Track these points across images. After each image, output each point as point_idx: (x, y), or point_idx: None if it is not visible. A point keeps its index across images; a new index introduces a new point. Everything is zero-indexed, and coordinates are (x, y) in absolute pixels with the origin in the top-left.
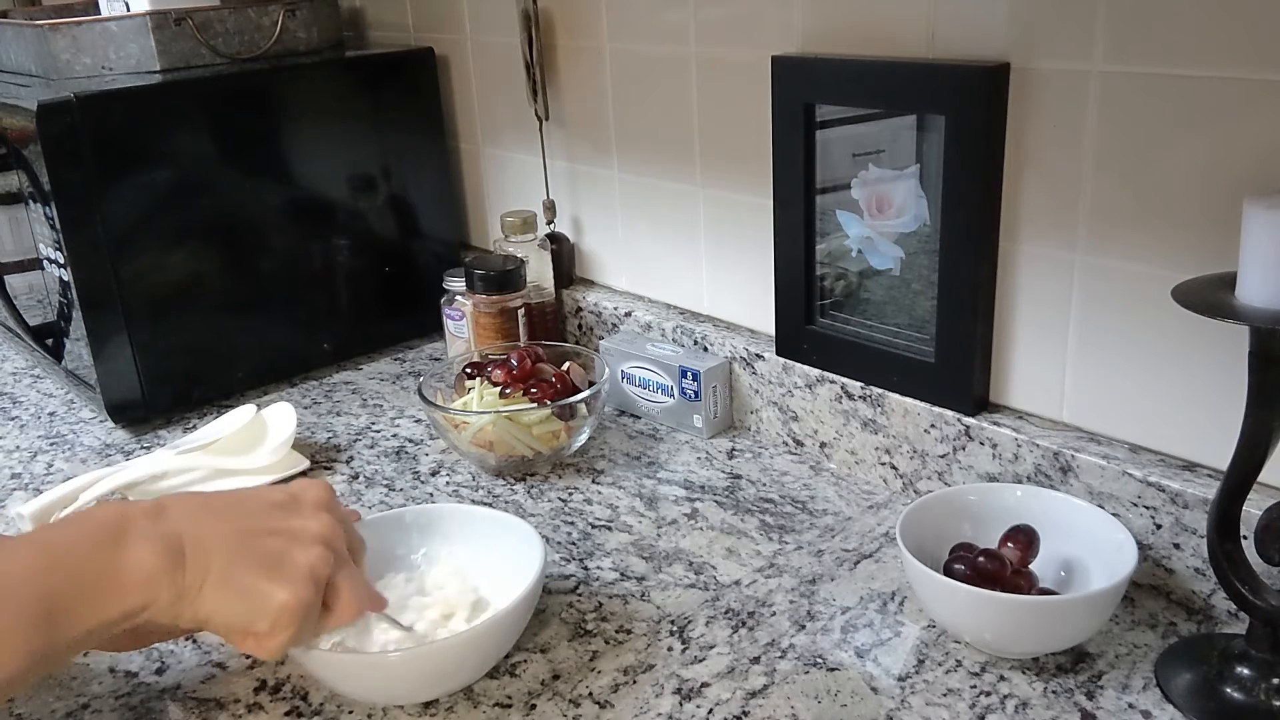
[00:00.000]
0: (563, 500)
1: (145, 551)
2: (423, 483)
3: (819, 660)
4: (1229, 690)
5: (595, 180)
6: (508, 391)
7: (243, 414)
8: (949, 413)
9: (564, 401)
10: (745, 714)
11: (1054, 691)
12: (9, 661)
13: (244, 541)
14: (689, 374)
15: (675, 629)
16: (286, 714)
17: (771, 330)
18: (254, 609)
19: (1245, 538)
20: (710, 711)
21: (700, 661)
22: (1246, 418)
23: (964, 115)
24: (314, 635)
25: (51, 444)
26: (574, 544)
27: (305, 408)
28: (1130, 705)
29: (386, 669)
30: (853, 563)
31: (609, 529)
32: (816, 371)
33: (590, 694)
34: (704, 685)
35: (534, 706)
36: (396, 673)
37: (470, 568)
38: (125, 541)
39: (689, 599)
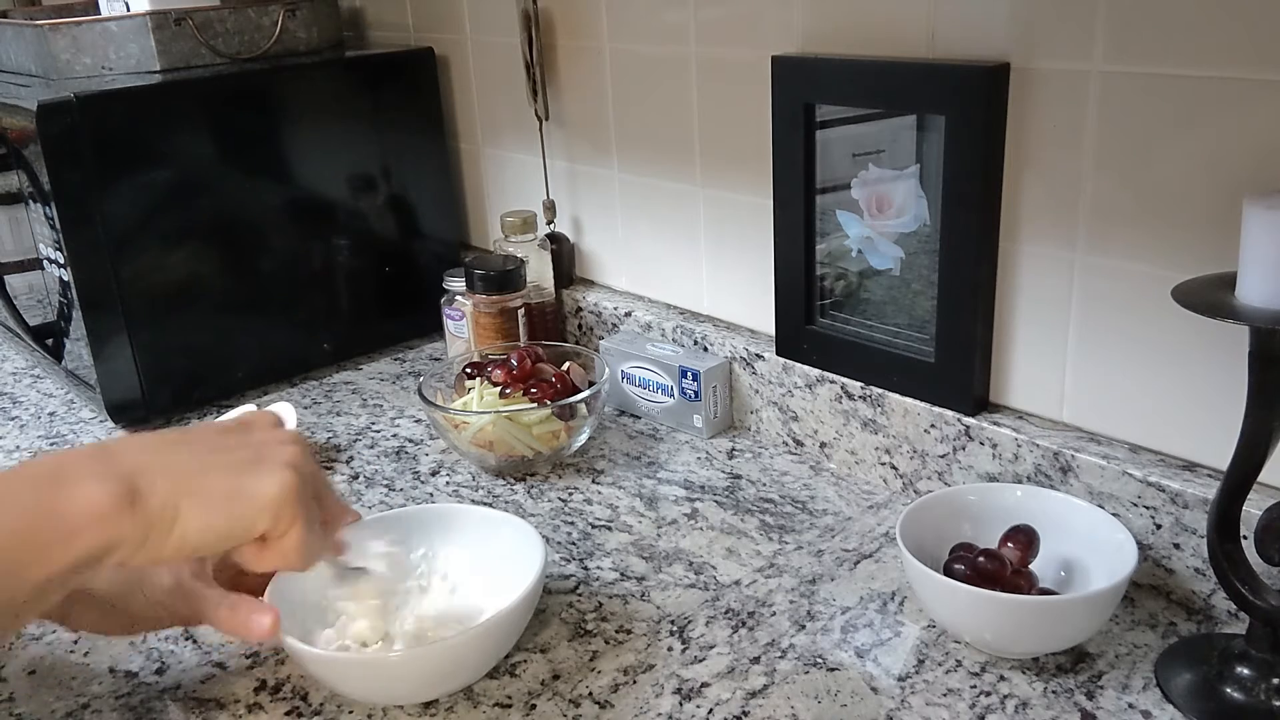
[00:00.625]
0: (563, 500)
1: (90, 489)
2: (423, 483)
3: (819, 660)
4: (1229, 690)
5: (595, 180)
6: (508, 391)
7: (243, 414)
8: (949, 413)
9: (564, 401)
10: (745, 714)
11: (1054, 691)
12: None
13: (207, 459)
14: (689, 374)
15: (675, 629)
16: (286, 714)
17: (771, 330)
18: (246, 509)
19: (1245, 538)
20: (710, 711)
21: (700, 661)
22: (1246, 418)
23: (964, 115)
24: (324, 547)
25: (51, 444)
26: (574, 544)
27: (305, 408)
28: (1130, 705)
29: (387, 669)
30: (853, 563)
31: (609, 529)
32: (816, 371)
33: (590, 694)
34: (704, 685)
35: (534, 706)
36: (397, 673)
37: (470, 568)
38: (66, 482)
39: (689, 599)
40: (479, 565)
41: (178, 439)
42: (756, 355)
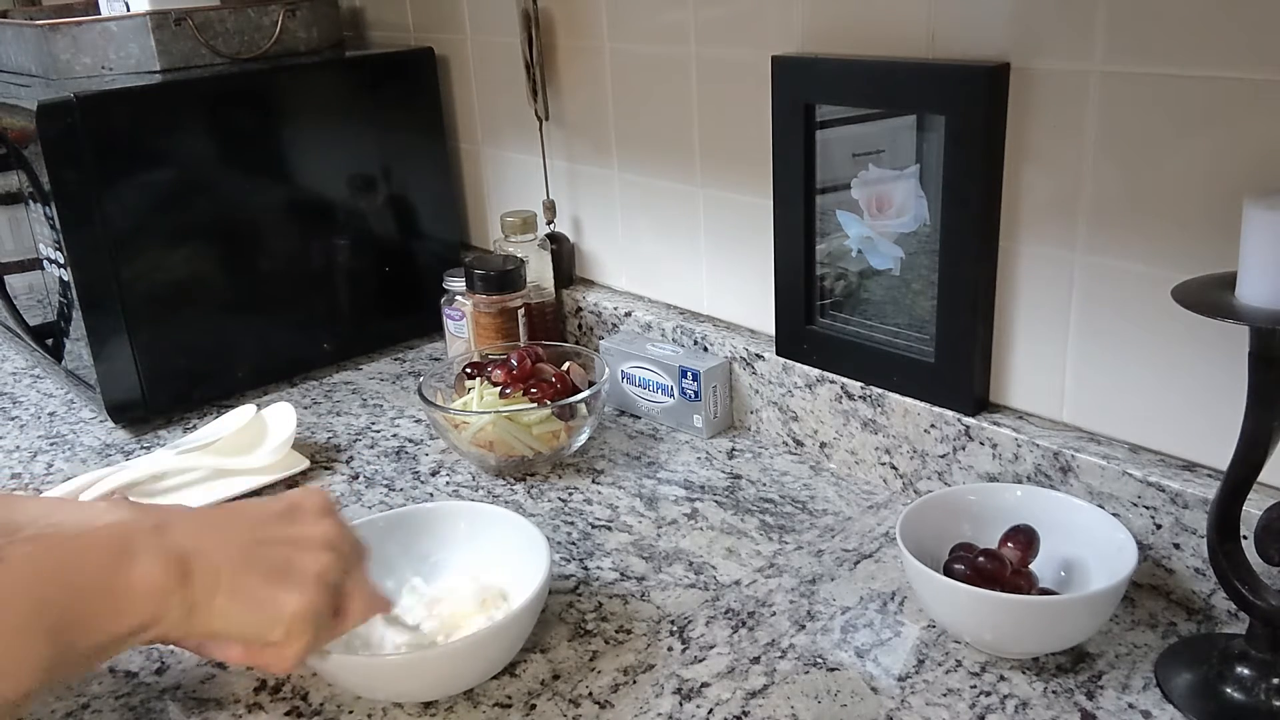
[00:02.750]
0: (563, 500)
1: (151, 566)
2: (423, 483)
3: (819, 660)
4: (1229, 690)
5: (595, 180)
6: (508, 391)
7: (243, 414)
8: (949, 413)
9: (564, 401)
10: (745, 714)
11: (1054, 691)
12: (17, 678)
13: (250, 551)
14: (689, 374)
15: (675, 629)
16: (286, 714)
17: (771, 330)
18: (266, 618)
19: (1245, 538)
20: (710, 711)
21: (700, 661)
22: (1246, 418)
23: (964, 115)
24: (327, 641)
25: (51, 444)
26: (574, 544)
27: (305, 408)
28: (1130, 705)
29: (393, 671)
30: (853, 563)
31: (609, 529)
32: (816, 371)
33: (590, 694)
34: (704, 685)
35: (534, 706)
36: (403, 675)
37: (477, 567)
38: (131, 556)
39: (689, 599)
40: (482, 565)
41: (228, 519)
42: (756, 355)
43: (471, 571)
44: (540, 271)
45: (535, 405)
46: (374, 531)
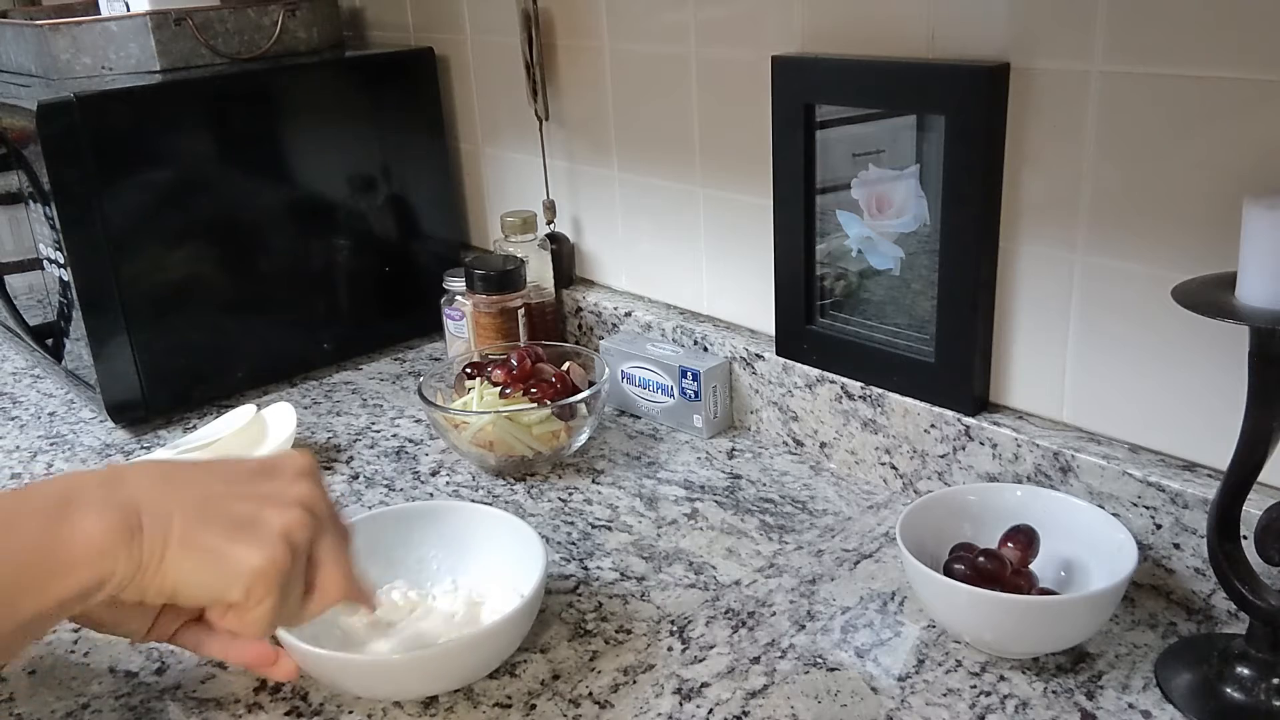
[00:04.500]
0: (563, 500)
1: (94, 522)
2: (423, 483)
3: (819, 660)
4: (1229, 690)
5: (595, 180)
6: (508, 391)
7: (243, 414)
8: (949, 413)
9: (564, 401)
10: (745, 714)
11: (1054, 691)
12: None
13: (210, 505)
14: (689, 374)
15: (675, 629)
16: (286, 714)
17: (771, 330)
18: (223, 575)
19: (1245, 538)
20: (710, 711)
21: (700, 661)
22: (1246, 418)
23: (964, 115)
24: (298, 616)
25: (51, 444)
26: (574, 544)
27: (305, 408)
28: (1130, 705)
29: (389, 671)
30: (853, 563)
31: (609, 529)
32: (816, 371)
33: (590, 694)
34: (704, 685)
35: (534, 706)
36: (397, 675)
37: (470, 569)
38: (71, 512)
39: (689, 599)
40: (479, 566)
41: (190, 475)
42: (756, 355)
43: (467, 571)
44: (540, 271)
45: (535, 405)
46: (370, 528)
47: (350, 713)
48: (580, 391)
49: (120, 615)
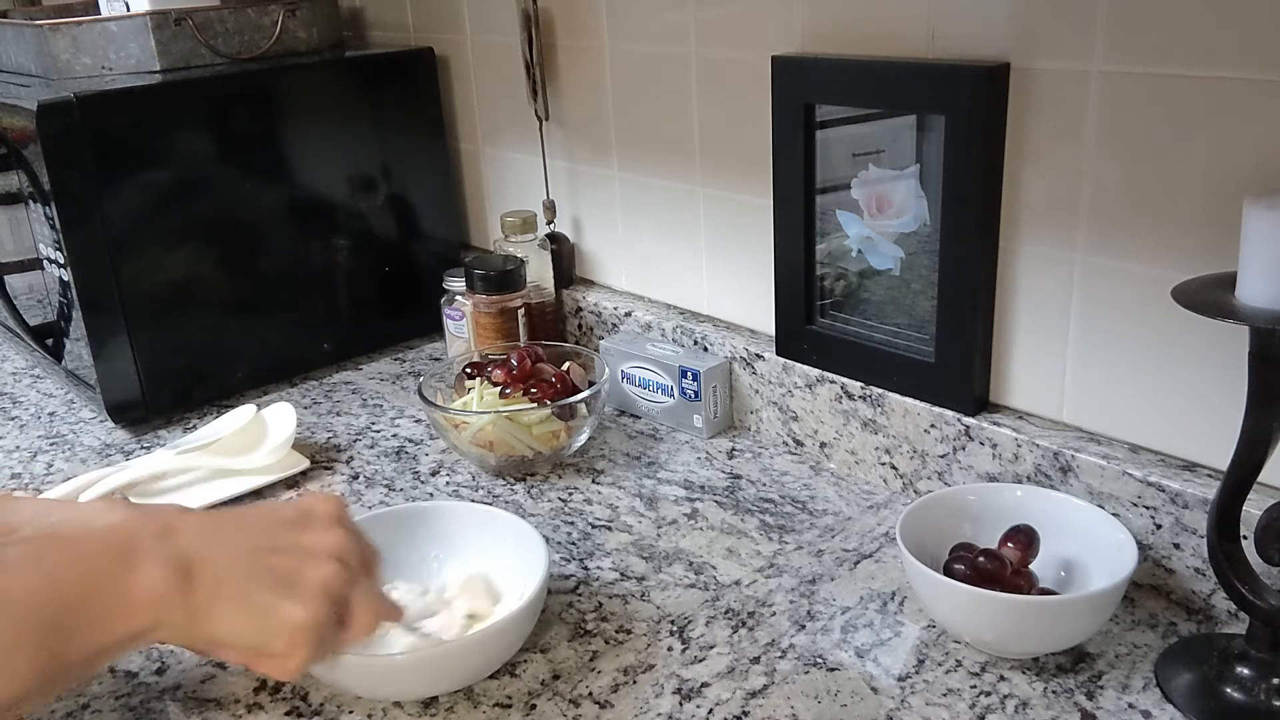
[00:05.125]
0: (563, 500)
1: (153, 571)
2: (423, 483)
3: (819, 660)
4: (1229, 690)
5: (595, 180)
6: (508, 391)
7: (243, 414)
8: (949, 413)
9: (564, 401)
10: (745, 714)
11: (1054, 691)
12: (13, 680)
13: (255, 560)
14: (689, 374)
15: (675, 629)
16: (286, 714)
17: (771, 330)
18: (268, 629)
19: (1245, 538)
20: (710, 711)
21: (700, 661)
22: (1246, 418)
23: (964, 115)
24: (331, 652)
25: (51, 444)
26: (574, 544)
27: (305, 408)
28: (1130, 705)
29: (389, 671)
30: (853, 563)
31: (609, 529)
32: (816, 371)
33: (590, 694)
34: (704, 685)
35: (534, 706)
36: (398, 675)
37: (471, 569)
38: (132, 561)
39: (689, 599)
40: (480, 566)
41: (236, 524)
42: (756, 355)
43: (468, 571)
44: (540, 271)
45: (535, 405)
46: (370, 528)
47: (350, 713)
48: (580, 391)
49: None
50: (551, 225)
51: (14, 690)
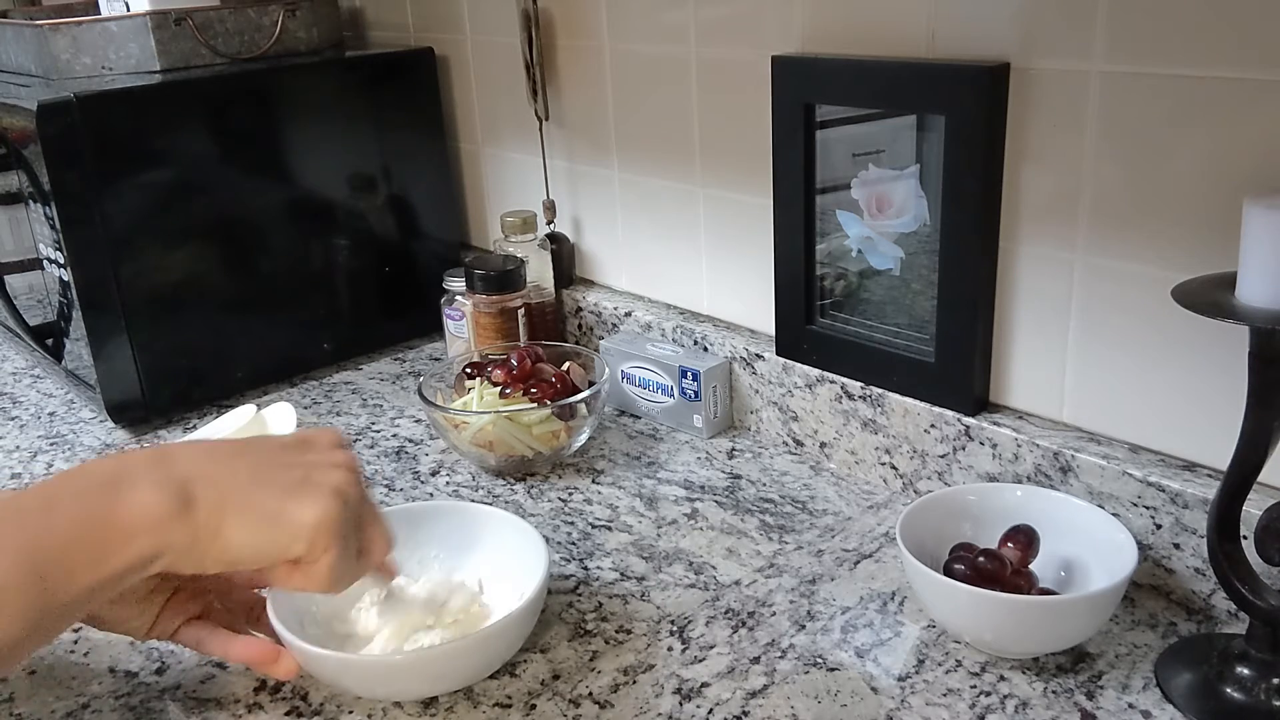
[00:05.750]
0: (563, 500)
1: (149, 494)
2: (423, 483)
3: (819, 660)
4: (1229, 690)
5: (595, 180)
6: (508, 391)
7: (243, 414)
8: (949, 413)
9: (564, 401)
10: (745, 714)
11: (1054, 691)
12: (4, 624)
13: (260, 472)
14: (689, 374)
15: (675, 629)
16: (286, 714)
17: (771, 330)
18: (284, 532)
19: (1245, 538)
20: (710, 711)
21: (700, 661)
22: (1246, 418)
23: (964, 115)
24: (354, 573)
25: (51, 444)
26: (574, 544)
27: (305, 408)
28: (1130, 705)
29: (389, 671)
30: (853, 563)
31: (609, 529)
32: (816, 371)
33: (590, 694)
34: (704, 685)
35: (534, 706)
36: (398, 675)
37: (471, 569)
38: (124, 487)
39: (689, 599)
40: (480, 566)
41: (235, 450)
42: (756, 355)
43: (469, 572)
44: (540, 271)
45: (535, 405)
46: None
47: (350, 713)
48: (580, 391)
49: (122, 613)
50: (551, 225)
51: (6, 634)
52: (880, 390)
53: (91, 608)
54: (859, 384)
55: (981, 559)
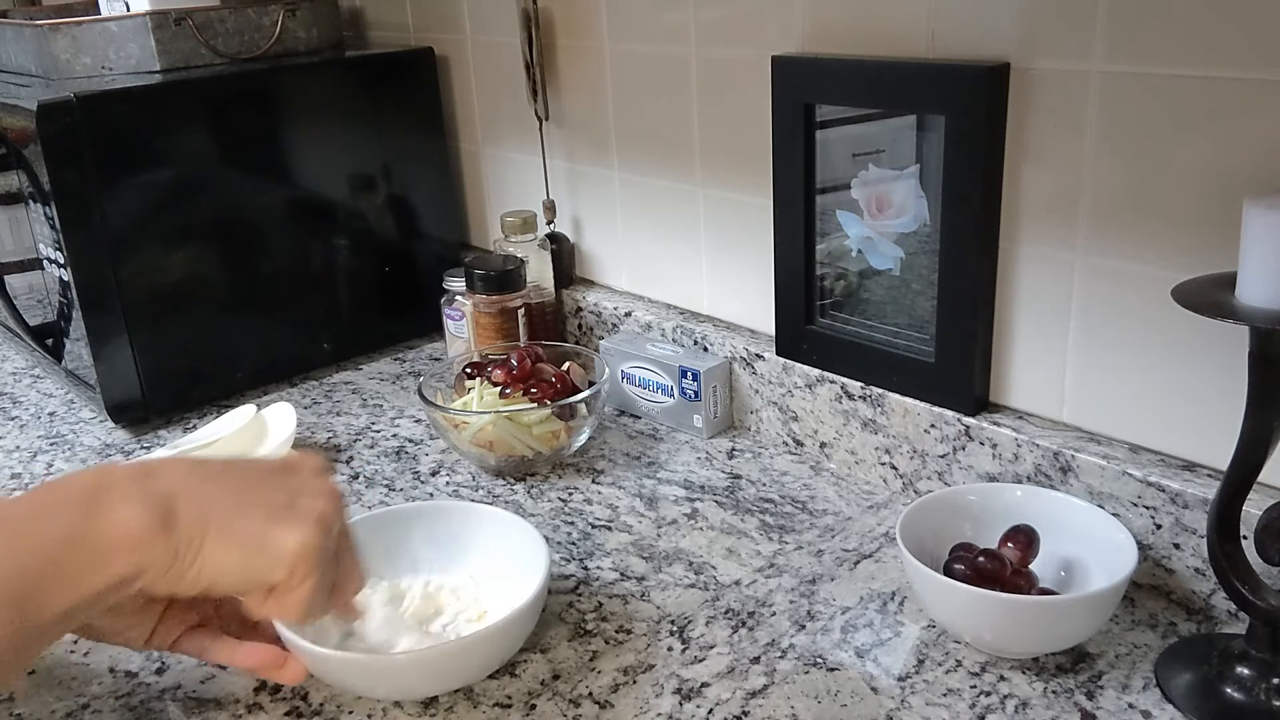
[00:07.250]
0: (563, 500)
1: (130, 512)
2: (423, 483)
3: (819, 660)
4: (1229, 690)
5: (595, 180)
6: (508, 391)
7: (243, 414)
8: (949, 413)
9: (564, 401)
10: (745, 714)
11: (1054, 691)
12: None
13: (244, 495)
14: (689, 374)
15: (675, 629)
16: (286, 714)
17: (771, 330)
18: (264, 557)
19: (1245, 538)
20: (710, 711)
21: (700, 661)
22: (1246, 418)
23: (964, 115)
24: (326, 608)
25: (51, 444)
26: (574, 544)
27: (305, 408)
28: (1130, 705)
29: (390, 671)
30: (853, 563)
31: (609, 529)
32: (816, 371)
33: (590, 694)
34: (704, 685)
35: (534, 706)
36: (398, 675)
37: (472, 569)
38: (105, 504)
39: (689, 599)
40: (480, 565)
41: (219, 469)
42: (756, 355)
43: (469, 572)
44: (540, 271)
45: (535, 405)
46: (370, 528)
47: (350, 713)
48: (580, 391)
49: (118, 624)
50: (551, 225)
51: None
52: (880, 390)
53: (71, 627)
54: (859, 384)
55: (981, 559)
